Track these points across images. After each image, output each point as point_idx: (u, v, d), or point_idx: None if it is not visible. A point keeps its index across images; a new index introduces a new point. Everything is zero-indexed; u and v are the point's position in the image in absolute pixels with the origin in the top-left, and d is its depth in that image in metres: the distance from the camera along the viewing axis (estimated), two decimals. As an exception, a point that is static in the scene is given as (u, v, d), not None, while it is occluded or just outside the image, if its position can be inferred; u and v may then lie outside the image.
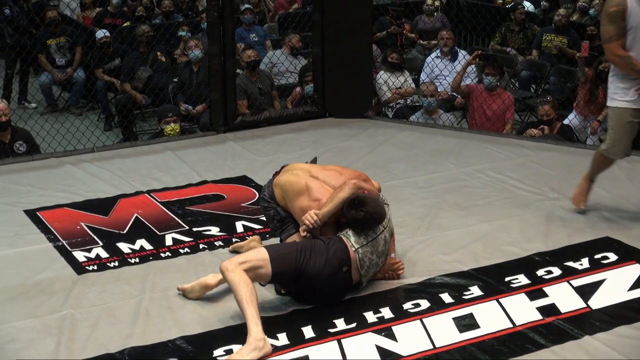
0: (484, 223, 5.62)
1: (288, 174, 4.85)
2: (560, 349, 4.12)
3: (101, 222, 5.73)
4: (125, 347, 4.18)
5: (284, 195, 4.79)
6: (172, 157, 7.14)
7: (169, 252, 5.28)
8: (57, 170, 6.83)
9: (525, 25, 11.23)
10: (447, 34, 9.78)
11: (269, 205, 4.90)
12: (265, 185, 5.05)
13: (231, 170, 6.77)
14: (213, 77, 7.67)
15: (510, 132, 8.20)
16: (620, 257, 5.05)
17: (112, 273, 5.00)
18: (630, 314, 4.43)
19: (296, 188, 4.72)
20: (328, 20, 7.90)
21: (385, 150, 7.23)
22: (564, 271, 4.88)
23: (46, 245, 5.40)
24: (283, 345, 4.16)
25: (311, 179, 4.74)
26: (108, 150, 7.36)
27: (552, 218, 5.71)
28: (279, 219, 4.86)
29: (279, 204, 4.85)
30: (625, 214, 5.78)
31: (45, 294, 4.74)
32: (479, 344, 4.16)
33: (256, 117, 7.95)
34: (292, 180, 4.77)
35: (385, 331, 4.27)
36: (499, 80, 8.53)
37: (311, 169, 4.86)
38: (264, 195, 4.95)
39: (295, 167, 4.91)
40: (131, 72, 9.49)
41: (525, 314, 4.42)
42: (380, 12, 11.78)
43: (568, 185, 6.29)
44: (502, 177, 6.52)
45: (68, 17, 11.68)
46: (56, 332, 4.32)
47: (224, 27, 7.51)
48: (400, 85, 9.25)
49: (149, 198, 6.18)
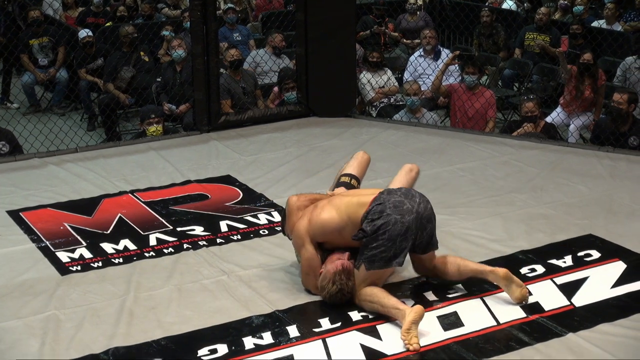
0: (468, 222, 5.63)
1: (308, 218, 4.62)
2: (544, 346, 4.13)
3: (85, 223, 5.71)
4: (109, 347, 4.17)
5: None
6: (156, 156, 7.13)
7: (153, 252, 5.27)
8: (40, 171, 6.81)
9: (493, 30, 11.18)
10: (429, 32, 9.80)
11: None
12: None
13: (215, 170, 6.76)
14: (196, 77, 7.65)
15: (492, 131, 8.23)
16: (603, 255, 5.07)
17: (96, 273, 4.99)
18: (613, 311, 4.45)
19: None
20: (311, 19, 7.89)
21: (369, 149, 7.13)
22: (548, 269, 4.90)
23: (29, 246, 5.38)
24: (267, 345, 4.17)
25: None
26: (91, 150, 7.34)
27: (536, 216, 5.73)
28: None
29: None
30: (608, 211, 5.80)
31: (28, 294, 4.73)
32: (463, 342, 4.17)
33: (240, 116, 7.94)
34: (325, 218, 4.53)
35: (370, 330, 4.28)
36: (479, 79, 8.55)
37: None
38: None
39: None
40: (114, 72, 9.47)
41: (509, 312, 4.43)
42: (363, 11, 11.79)
43: (551, 183, 6.33)
44: (485, 175, 6.54)
45: (51, 17, 11.65)
46: (40, 333, 4.31)
47: (207, 27, 7.50)
48: (384, 84, 9.26)
49: (132, 198, 6.17)
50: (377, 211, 4.34)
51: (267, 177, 6.57)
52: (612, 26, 11.20)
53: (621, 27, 11.26)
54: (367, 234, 4.33)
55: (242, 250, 5.28)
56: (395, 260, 4.35)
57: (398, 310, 4.24)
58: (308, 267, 4.57)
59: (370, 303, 4.37)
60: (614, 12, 11.34)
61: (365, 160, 5.15)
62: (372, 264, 4.35)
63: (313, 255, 4.53)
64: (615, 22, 11.32)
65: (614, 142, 7.27)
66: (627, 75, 9.12)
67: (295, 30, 8.23)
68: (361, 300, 4.41)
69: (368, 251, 4.35)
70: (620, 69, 9.25)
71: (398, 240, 4.32)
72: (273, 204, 6.00)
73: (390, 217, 4.31)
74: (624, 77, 9.17)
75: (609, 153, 7.00)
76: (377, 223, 4.31)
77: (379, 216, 4.32)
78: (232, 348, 4.16)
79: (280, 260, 5.09)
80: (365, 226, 4.34)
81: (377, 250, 4.33)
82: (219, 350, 4.14)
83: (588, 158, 6.91)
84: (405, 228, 4.32)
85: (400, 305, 4.26)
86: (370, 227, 4.32)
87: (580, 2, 12.10)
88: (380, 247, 4.31)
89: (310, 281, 4.59)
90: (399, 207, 4.34)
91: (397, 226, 4.31)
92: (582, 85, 8.59)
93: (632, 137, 7.40)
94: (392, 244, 4.32)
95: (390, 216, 4.31)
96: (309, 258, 4.54)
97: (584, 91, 8.58)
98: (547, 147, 7.23)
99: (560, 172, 6.59)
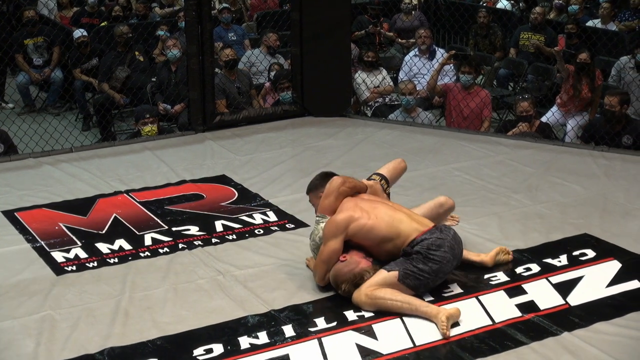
0: (463, 221, 5.61)
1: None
2: (540, 345, 4.14)
3: (80, 223, 5.71)
4: (104, 347, 4.17)
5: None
6: (151, 156, 7.12)
7: (148, 252, 5.27)
8: (35, 171, 6.80)
9: (490, 30, 11.19)
10: (424, 32, 9.80)
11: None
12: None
13: (210, 170, 6.76)
14: (191, 77, 7.65)
15: (488, 130, 8.23)
16: (598, 254, 5.08)
17: (91, 273, 4.98)
18: (608, 310, 4.45)
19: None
20: (307, 19, 7.89)
21: (364, 149, 7.24)
22: (543, 268, 4.90)
23: (24, 246, 5.38)
24: (263, 344, 4.17)
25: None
26: (86, 150, 7.33)
27: (531, 215, 5.73)
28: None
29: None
30: (603, 210, 5.81)
31: (24, 295, 4.72)
32: (458, 342, 4.18)
33: (235, 116, 7.93)
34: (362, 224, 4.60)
35: (366, 329, 4.28)
36: (474, 79, 8.56)
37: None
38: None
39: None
40: (109, 72, 9.46)
41: (505, 311, 4.43)
42: (358, 10, 11.79)
43: (546, 182, 6.33)
44: (480, 175, 6.54)
45: (45, 17, 11.63)
46: (35, 333, 4.30)
47: (202, 26, 7.50)
48: (379, 83, 9.26)
49: (127, 198, 6.16)
50: (437, 244, 4.51)
51: (262, 176, 6.57)
52: (607, 26, 11.22)
53: (616, 27, 11.27)
54: (420, 254, 4.48)
55: (237, 250, 5.28)
56: (421, 289, 4.53)
57: (429, 308, 4.35)
58: (328, 257, 4.57)
59: (390, 301, 4.39)
60: (609, 12, 11.35)
61: (400, 168, 5.30)
62: (406, 279, 4.46)
63: (339, 249, 4.56)
64: (610, 21, 11.33)
65: (608, 142, 7.27)
66: (621, 75, 9.13)
67: (291, 30, 8.23)
68: (378, 297, 4.40)
69: (411, 267, 4.47)
70: (615, 69, 9.26)
71: (439, 277, 4.56)
72: (268, 203, 6.00)
73: (447, 255, 4.52)
74: (618, 77, 9.17)
75: (603, 152, 7.01)
76: (435, 254, 4.49)
77: (437, 249, 4.50)
78: (227, 348, 4.15)
79: (275, 260, 5.09)
80: (419, 248, 4.50)
81: (419, 272, 4.47)
82: (215, 350, 4.13)
83: (583, 157, 6.92)
84: (448, 270, 4.61)
85: (430, 305, 4.41)
86: (425, 251, 4.48)
87: (575, 2, 12.11)
88: (424, 271, 4.47)
89: (322, 269, 4.62)
90: (453, 251, 4.57)
91: (447, 266, 4.56)
92: (579, 85, 8.59)
93: (625, 136, 7.41)
94: (434, 277, 4.52)
95: (447, 254, 4.52)
96: (335, 250, 4.55)
97: (582, 91, 8.58)
98: (542, 147, 7.24)
99: (555, 171, 6.60)
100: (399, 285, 4.44)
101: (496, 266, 4.90)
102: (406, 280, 4.45)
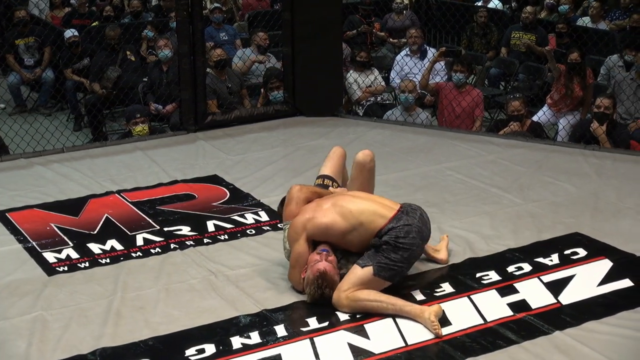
0: (455, 220, 5.64)
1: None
2: (531, 344, 4.15)
3: (71, 223, 5.70)
4: (96, 347, 4.16)
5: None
6: (143, 156, 7.11)
7: (140, 252, 5.26)
8: (27, 171, 6.79)
9: (487, 30, 11.22)
10: (415, 32, 9.82)
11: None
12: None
13: (202, 170, 6.75)
14: (183, 77, 7.64)
15: (479, 130, 8.24)
16: (590, 253, 5.09)
17: (83, 274, 4.98)
18: (599, 309, 4.46)
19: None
20: (298, 18, 7.89)
21: (356, 148, 7.15)
22: (534, 267, 4.91)
23: (16, 247, 5.36)
24: (255, 344, 4.17)
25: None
26: (78, 150, 7.32)
27: (522, 215, 5.74)
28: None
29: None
30: (594, 209, 5.82)
31: (15, 295, 4.71)
32: (450, 341, 4.18)
33: (226, 116, 7.93)
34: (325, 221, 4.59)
35: (358, 329, 4.28)
36: (467, 77, 8.56)
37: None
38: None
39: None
40: (100, 72, 9.44)
41: (496, 310, 4.44)
42: (350, 10, 11.79)
43: (537, 181, 6.35)
44: (472, 174, 6.55)
45: (36, 17, 11.61)
46: (27, 334, 4.30)
47: (193, 26, 7.49)
48: (371, 83, 9.26)
49: (119, 198, 6.16)
50: (405, 231, 4.49)
51: (254, 176, 6.56)
52: (598, 25, 11.24)
53: (607, 26, 11.29)
54: (389, 245, 4.45)
55: (229, 250, 5.28)
56: (397, 278, 4.53)
57: (412, 307, 4.35)
58: (296, 261, 4.61)
59: (373, 302, 4.38)
60: (599, 11, 11.38)
61: (337, 156, 5.25)
62: (381, 272, 4.44)
63: (304, 252, 4.56)
64: (600, 20, 11.35)
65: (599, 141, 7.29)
66: (611, 74, 9.14)
67: (282, 30, 8.22)
68: (359, 299, 4.39)
69: (383, 258, 4.45)
70: (605, 68, 9.27)
71: (411, 263, 4.62)
72: (260, 203, 6.00)
73: (416, 240, 4.52)
74: (607, 76, 9.19)
75: (595, 152, 7.03)
76: (404, 241, 4.47)
77: (405, 236, 4.48)
78: (219, 348, 4.16)
79: (267, 260, 5.09)
80: (387, 239, 4.46)
81: (392, 262, 4.45)
82: (207, 350, 4.13)
83: (574, 157, 6.94)
84: (420, 253, 4.69)
85: (413, 304, 4.41)
86: (394, 241, 4.45)
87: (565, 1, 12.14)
88: (397, 260, 4.46)
89: (295, 275, 4.64)
90: (421, 234, 4.59)
91: (418, 250, 4.60)
92: (571, 84, 8.60)
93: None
94: (407, 264, 4.56)
95: (415, 239, 4.52)
96: (300, 253, 4.57)
97: (573, 90, 8.59)
98: (534, 146, 7.25)
99: (547, 170, 6.61)
100: (375, 280, 4.43)
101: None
102: (381, 273, 4.43)
